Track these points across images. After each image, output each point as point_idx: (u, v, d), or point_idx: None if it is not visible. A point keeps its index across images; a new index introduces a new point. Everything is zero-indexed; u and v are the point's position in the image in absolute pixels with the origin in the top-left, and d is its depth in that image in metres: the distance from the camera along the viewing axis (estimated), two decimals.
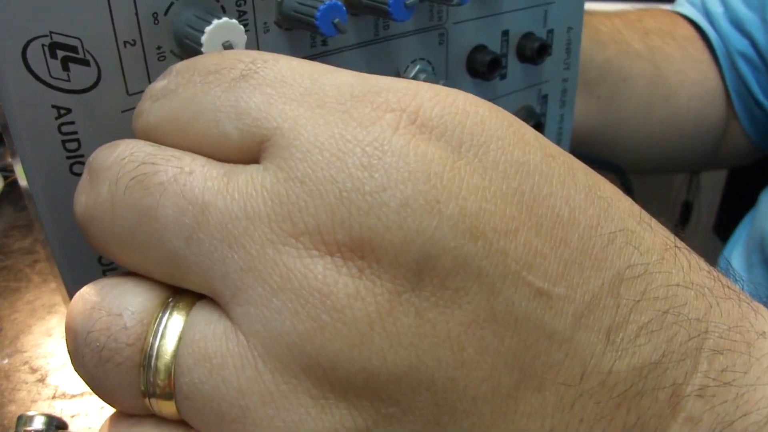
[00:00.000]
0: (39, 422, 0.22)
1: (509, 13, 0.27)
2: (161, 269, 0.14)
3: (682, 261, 0.14)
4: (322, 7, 0.19)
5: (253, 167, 0.14)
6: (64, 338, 0.14)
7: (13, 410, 0.25)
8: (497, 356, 0.13)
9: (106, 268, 0.20)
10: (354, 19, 0.23)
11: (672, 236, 0.15)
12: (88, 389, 0.27)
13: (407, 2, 0.20)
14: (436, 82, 0.25)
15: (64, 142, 0.18)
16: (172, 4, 0.18)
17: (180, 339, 0.13)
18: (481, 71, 0.27)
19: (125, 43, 0.18)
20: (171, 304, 0.14)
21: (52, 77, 0.17)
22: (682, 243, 0.15)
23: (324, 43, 0.22)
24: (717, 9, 0.44)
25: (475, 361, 0.13)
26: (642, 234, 0.14)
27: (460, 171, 0.13)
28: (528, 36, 0.28)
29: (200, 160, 0.14)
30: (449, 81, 0.27)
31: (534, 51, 0.28)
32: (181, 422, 0.14)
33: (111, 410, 0.24)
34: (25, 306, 0.31)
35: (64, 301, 0.22)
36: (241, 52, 0.15)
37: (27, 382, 0.27)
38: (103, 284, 0.15)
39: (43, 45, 0.17)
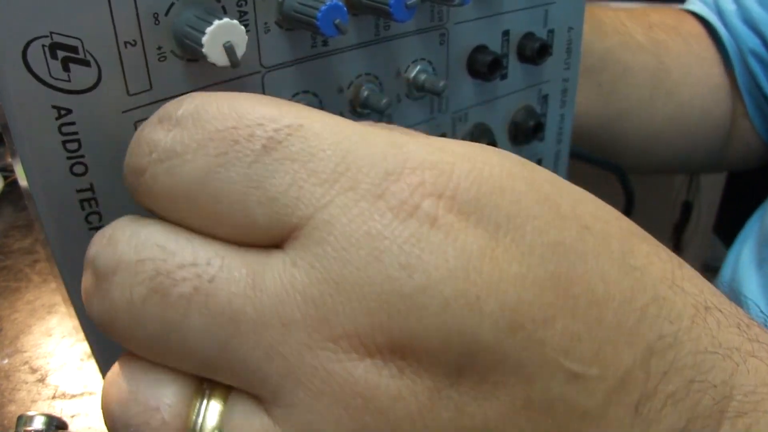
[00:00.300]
0: (39, 422, 0.22)
1: (510, 14, 0.27)
2: (194, 370, 0.14)
3: (711, 323, 0.15)
4: (323, 7, 0.19)
5: (279, 260, 0.13)
6: (102, 416, 0.14)
7: (13, 410, 0.25)
8: None
9: None
10: (354, 20, 0.23)
11: (703, 294, 0.15)
12: (88, 389, 0.27)
13: (408, 2, 0.20)
14: (437, 82, 0.25)
15: (64, 142, 0.18)
16: (172, 4, 0.18)
17: (220, 422, 0.13)
18: (481, 71, 0.27)
19: (126, 43, 0.18)
20: (207, 392, 0.14)
21: (53, 77, 0.17)
22: (714, 298, 0.15)
23: (324, 43, 0.22)
24: (729, 7, 0.44)
25: None
26: (674, 299, 0.14)
27: (499, 262, 0.13)
28: (528, 36, 0.28)
29: (217, 261, 0.13)
30: (450, 81, 0.27)
31: (534, 51, 0.28)
32: None
33: None
34: (25, 306, 0.31)
35: (64, 301, 0.22)
36: (258, 113, 0.14)
37: (27, 382, 0.27)
38: (134, 370, 0.14)
39: (43, 45, 0.17)
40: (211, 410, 0.13)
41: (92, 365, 0.22)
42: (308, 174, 0.13)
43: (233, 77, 0.21)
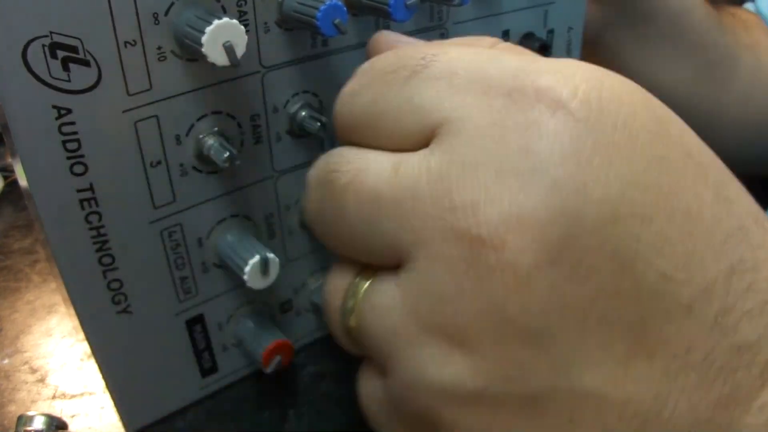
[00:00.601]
0: (39, 422, 0.22)
1: (510, 14, 0.27)
2: (357, 255, 0.17)
3: None
4: (322, 7, 0.19)
5: (422, 152, 0.16)
6: None
7: (13, 410, 0.25)
8: (614, 326, 0.14)
9: (106, 268, 0.20)
10: (354, 20, 0.23)
11: None
12: (88, 389, 0.27)
13: (408, 2, 0.20)
14: None
15: (64, 142, 0.18)
16: (172, 4, 0.18)
17: (364, 293, 0.17)
18: None
19: (125, 43, 0.18)
20: (361, 275, 0.18)
21: (53, 77, 0.17)
22: None
23: (324, 43, 0.22)
24: None
25: (596, 330, 0.14)
26: (756, 232, 0.16)
27: (610, 158, 0.14)
28: (528, 36, 0.28)
29: (375, 156, 0.17)
30: None
31: (534, 51, 0.28)
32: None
33: (110, 412, 0.24)
34: (25, 306, 0.31)
35: (64, 301, 0.22)
36: (413, 48, 0.17)
37: (27, 382, 0.26)
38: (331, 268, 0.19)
39: (43, 45, 0.17)
40: (359, 286, 0.17)
41: (92, 365, 0.22)
42: (448, 86, 0.16)
43: (233, 77, 0.21)
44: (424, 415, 0.16)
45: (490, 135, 0.15)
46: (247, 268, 0.21)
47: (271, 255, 0.21)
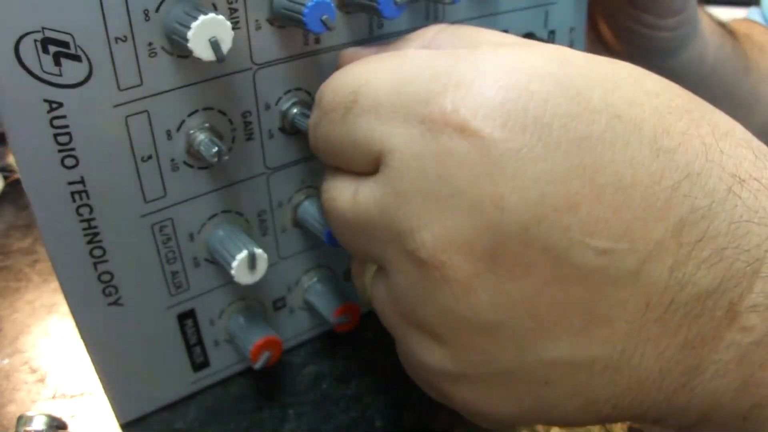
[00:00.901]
0: (39, 422, 0.22)
1: (509, 13, 0.27)
2: (356, 254, 0.20)
3: (747, 194, 0.15)
4: (310, 3, 0.19)
5: (373, 179, 0.18)
6: None
7: (13, 410, 0.25)
8: (566, 307, 0.15)
9: (97, 260, 0.21)
10: (347, 17, 0.23)
11: (742, 165, 0.16)
12: (88, 389, 0.27)
13: (398, 0, 0.20)
14: None
15: (55, 135, 0.19)
16: (163, 1, 0.19)
17: (371, 283, 0.19)
18: None
19: (116, 39, 0.19)
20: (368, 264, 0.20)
21: (44, 72, 0.18)
22: (754, 169, 0.16)
23: (317, 41, 0.22)
24: None
25: (547, 314, 0.15)
26: (709, 173, 0.15)
27: (523, 162, 0.15)
28: (529, 36, 0.28)
29: (342, 182, 0.19)
30: None
31: None
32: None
33: (110, 413, 0.24)
34: (25, 306, 0.31)
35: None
36: (344, 83, 0.19)
37: (27, 382, 0.27)
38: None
39: (35, 40, 0.17)
40: (369, 272, 0.20)
41: (92, 365, 0.22)
42: (375, 118, 0.17)
43: (224, 73, 0.21)
44: (429, 386, 0.18)
45: (414, 166, 0.16)
46: (235, 263, 0.21)
47: (258, 250, 0.21)
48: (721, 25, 0.38)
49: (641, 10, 0.31)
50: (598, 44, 0.36)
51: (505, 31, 0.27)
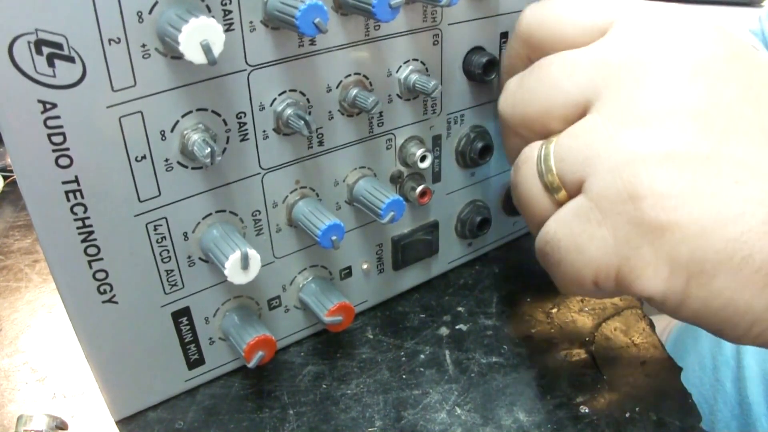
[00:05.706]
0: (39, 422, 0.22)
1: (508, 15, 0.27)
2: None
3: None
4: (302, 7, 0.19)
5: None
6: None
7: (13, 410, 0.25)
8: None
9: (92, 258, 0.21)
10: (343, 20, 0.23)
11: None
12: (88, 389, 0.27)
13: (392, 3, 0.20)
14: (428, 83, 0.25)
15: (49, 135, 0.19)
16: (156, 2, 0.19)
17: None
18: (476, 72, 0.26)
19: (110, 40, 0.19)
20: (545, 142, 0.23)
21: (38, 73, 0.18)
22: None
23: (312, 42, 0.22)
24: None
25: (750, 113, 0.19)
26: None
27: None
28: None
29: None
30: (445, 82, 0.27)
31: None
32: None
33: (109, 414, 0.24)
34: (25, 306, 0.31)
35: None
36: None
37: (27, 382, 0.27)
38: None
39: (29, 42, 0.17)
40: (549, 145, 0.22)
41: None
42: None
43: (217, 75, 0.21)
44: (625, 187, 0.19)
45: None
46: (228, 263, 0.21)
47: (251, 251, 0.21)
48: None
49: None
50: None
51: (504, 33, 0.27)
